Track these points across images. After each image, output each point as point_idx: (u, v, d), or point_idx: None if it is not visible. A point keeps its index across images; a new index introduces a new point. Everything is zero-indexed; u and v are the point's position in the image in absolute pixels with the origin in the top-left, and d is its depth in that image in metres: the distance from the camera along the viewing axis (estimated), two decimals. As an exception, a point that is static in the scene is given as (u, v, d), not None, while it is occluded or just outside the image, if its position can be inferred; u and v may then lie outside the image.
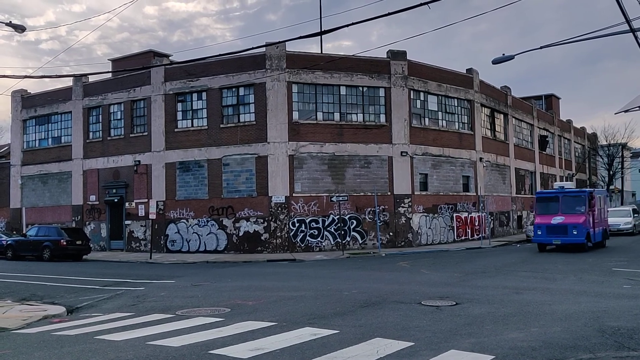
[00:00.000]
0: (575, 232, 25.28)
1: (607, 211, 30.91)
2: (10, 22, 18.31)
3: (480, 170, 37.90)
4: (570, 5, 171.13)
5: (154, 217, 30.05)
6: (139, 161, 33.66)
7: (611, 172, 68.35)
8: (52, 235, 29.62)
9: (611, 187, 70.82)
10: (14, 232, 36.45)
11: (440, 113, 35.50)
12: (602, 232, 28.63)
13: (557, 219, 25.83)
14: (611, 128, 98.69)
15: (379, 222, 30.43)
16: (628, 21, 12.67)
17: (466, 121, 37.41)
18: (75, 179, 36.80)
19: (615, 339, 8.27)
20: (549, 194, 27.79)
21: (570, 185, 30.26)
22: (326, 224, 30.57)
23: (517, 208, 44.69)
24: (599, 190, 31.73)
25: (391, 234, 31.86)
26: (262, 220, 30.19)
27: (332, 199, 29.43)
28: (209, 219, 31.17)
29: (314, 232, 30.42)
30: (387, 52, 32.88)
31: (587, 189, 28.96)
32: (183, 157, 32.23)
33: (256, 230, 30.25)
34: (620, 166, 69.70)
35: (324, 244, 30.48)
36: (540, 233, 26.27)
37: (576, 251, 26.04)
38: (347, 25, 13.00)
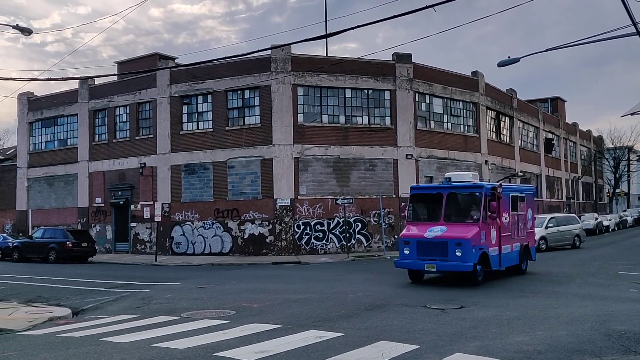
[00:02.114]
0: (458, 254, 14.97)
1: (534, 219, 19.77)
2: (17, 24, 18.36)
3: (485, 173, 37.80)
4: (575, 7, 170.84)
5: (159, 220, 30.11)
6: (145, 163, 33.73)
7: (617, 175, 68.10)
8: (58, 237, 29.71)
9: (617, 190, 70.59)
10: (20, 234, 36.56)
11: (445, 116, 35.45)
12: (521, 252, 18.15)
13: (435, 231, 15.74)
14: (617, 131, 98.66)
15: (384, 225, 30.39)
16: (634, 23, 12.63)
17: (471, 124, 37.35)
18: (81, 181, 36.91)
19: (621, 343, 8.24)
20: (428, 191, 17.73)
21: (467, 177, 17.85)
22: (331, 226, 30.55)
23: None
24: (515, 186, 21.32)
25: (396, 236, 31.75)
26: (267, 223, 30.20)
27: (337, 201, 29.42)
28: (214, 222, 31.20)
29: (319, 234, 30.41)
30: (393, 55, 32.88)
31: (488, 183, 17.91)
32: (188, 160, 32.29)
33: (261, 232, 30.25)
34: (626, 169, 69.46)
35: (329, 246, 30.46)
36: (407, 253, 15.99)
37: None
38: (353, 28, 13.01)
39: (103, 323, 11.26)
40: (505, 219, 17.08)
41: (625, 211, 64.97)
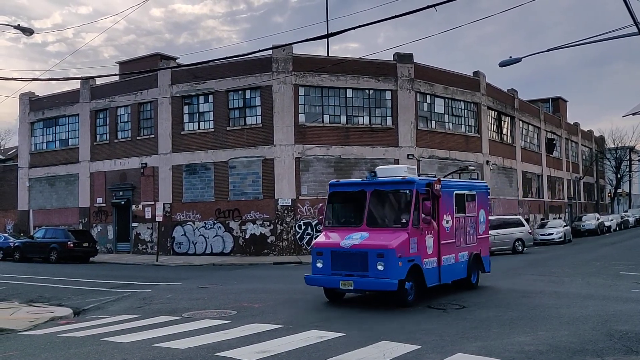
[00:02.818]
0: (380, 268, 11.82)
1: (488, 222, 16.44)
2: (19, 25, 18.36)
3: (486, 173, 37.77)
4: (577, 7, 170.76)
5: (161, 220, 30.11)
6: (146, 163, 33.74)
7: (619, 176, 68.05)
8: (59, 237, 29.72)
9: (619, 190, 70.55)
10: (22, 234, 36.58)
11: (446, 116, 35.45)
12: (471, 262, 14.80)
13: (354, 238, 12.48)
14: (619, 131, 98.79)
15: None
16: (636, 23, 12.62)
17: (473, 124, 37.33)
18: (82, 181, 36.92)
19: (623, 343, 8.22)
20: (349, 188, 14.02)
21: (400, 170, 14.19)
22: (332, 226, 30.46)
23: (524, 211, 44.48)
24: (461, 182, 16.40)
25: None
26: (268, 223, 30.19)
27: (338, 201, 29.34)
28: (215, 222, 31.20)
29: (320, 234, 30.34)
30: (394, 55, 32.86)
31: (422, 178, 14.39)
32: (190, 160, 32.29)
33: (262, 232, 30.24)
34: (628, 169, 69.40)
35: (330, 246, 30.37)
36: (320, 266, 12.72)
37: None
38: (354, 28, 13.02)
39: (104, 323, 11.26)
40: (447, 222, 13.76)
41: (626, 211, 64.93)
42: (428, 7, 11.95)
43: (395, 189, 13.16)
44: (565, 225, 38.59)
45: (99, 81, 36.70)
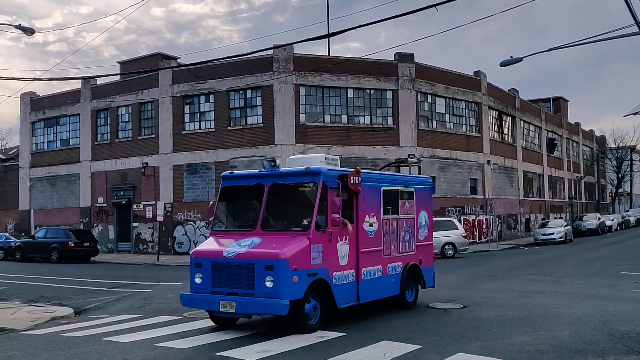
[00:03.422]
0: (269, 284, 9.26)
1: (432, 225, 13.58)
2: (19, 24, 18.37)
3: (487, 173, 37.77)
4: (578, 7, 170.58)
5: (162, 219, 30.13)
6: (147, 163, 33.76)
7: (620, 175, 68.03)
8: (60, 237, 29.75)
9: (620, 190, 70.53)
10: (23, 234, 36.61)
11: (447, 115, 35.45)
12: (405, 275, 11.96)
13: (242, 245, 9.92)
14: (620, 131, 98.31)
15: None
16: (637, 23, 12.60)
17: (474, 124, 37.32)
18: (83, 181, 36.94)
19: (624, 343, 8.21)
20: (244, 181, 11.19)
21: (315, 160, 11.15)
22: (333, 226, 30.44)
23: (525, 211, 44.50)
24: (393, 175, 13.30)
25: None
26: (269, 223, 30.15)
27: (339, 201, 29.32)
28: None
29: (321, 234, 30.30)
30: (395, 55, 32.86)
31: (334, 169, 10.83)
32: (190, 160, 32.31)
33: (263, 232, 30.20)
34: (629, 169, 69.38)
35: (331, 246, 30.36)
36: (199, 282, 10.06)
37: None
38: (355, 28, 13.01)
39: (105, 323, 11.26)
40: (371, 225, 10.99)
41: (628, 211, 64.88)
42: (429, 6, 11.93)
43: (297, 182, 10.46)
44: (566, 225, 38.55)
45: (99, 81, 36.73)
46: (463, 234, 27.83)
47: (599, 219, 46.67)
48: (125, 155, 35.06)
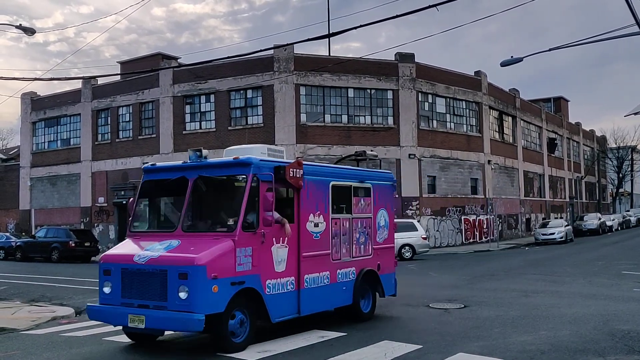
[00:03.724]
0: (183, 295, 7.74)
1: (393, 226, 12.00)
2: (20, 24, 18.37)
3: (488, 173, 37.77)
4: (579, 7, 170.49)
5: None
6: (148, 163, 33.78)
7: (620, 175, 68.04)
8: (61, 236, 29.76)
9: (620, 190, 70.53)
10: (23, 234, 36.64)
11: (448, 115, 35.44)
12: (359, 283, 10.57)
13: (156, 249, 8.39)
14: (621, 130, 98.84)
15: (387, 225, 30.27)
16: (638, 22, 12.60)
17: (474, 124, 37.32)
18: (84, 180, 36.96)
19: (625, 343, 8.21)
20: (167, 174, 9.61)
21: (255, 151, 9.61)
22: (334, 226, 30.45)
23: (526, 211, 44.49)
24: (345, 169, 11.39)
25: (399, 236, 31.74)
26: (269, 223, 30.16)
27: (339, 201, 29.31)
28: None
29: (322, 234, 30.31)
30: (395, 55, 32.86)
31: (266, 159, 9.09)
32: (191, 159, 32.27)
33: (264, 232, 30.22)
34: (629, 169, 69.38)
35: (331, 246, 30.37)
36: (108, 291, 8.53)
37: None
38: (355, 28, 13.00)
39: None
40: (317, 225, 9.68)
41: (628, 211, 64.87)
42: (430, 6, 11.92)
43: (225, 175, 9.08)
44: (566, 225, 38.54)
45: (100, 81, 36.77)
46: (423, 236, 26.88)
47: (600, 218, 46.67)
48: (125, 155, 35.08)
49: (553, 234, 35.99)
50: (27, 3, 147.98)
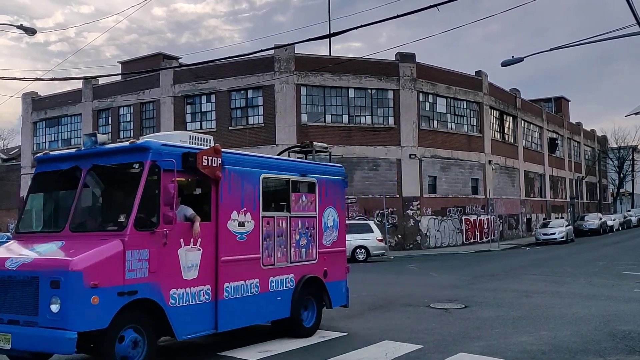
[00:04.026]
0: (55, 308, 6.31)
1: (344, 226, 10.47)
2: (21, 24, 18.40)
3: (489, 173, 37.76)
4: (580, 7, 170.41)
5: (163, 219, 30.12)
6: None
7: (621, 175, 68.04)
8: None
9: (621, 190, 70.53)
10: (24, 234, 36.62)
11: (449, 115, 35.44)
12: (299, 292, 9.13)
13: (33, 252, 7.08)
14: (621, 131, 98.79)
15: (388, 225, 30.37)
16: (639, 22, 12.60)
17: (475, 124, 37.32)
18: (85, 180, 36.95)
19: (626, 343, 8.20)
20: (59, 164, 8.01)
21: (175, 137, 8.21)
22: (334, 226, 30.46)
23: (526, 211, 44.48)
24: (280, 160, 9.91)
25: (399, 236, 31.78)
26: (270, 223, 30.18)
27: (340, 201, 29.32)
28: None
29: (322, 234, 30.32)
30: (396, 55, 32.86)
31: (170, 144, 7.58)
32: (192, 159, 32.29)
33: (264, 232, 30.24)
34: (630, 169, 69.38)
35: (332, 246, 30.38)
36: None
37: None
38: (356, 28, 12.99)
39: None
40: (242, 224, 8.27)
41: (629, 211, 64.85)
42: (430, 6, 11.92)
43: (121, 163, 7.52)
44: (567, 225, 38.52)
45: (101, 81, 36.81)
46: (378, 238, 26.05)
47: (601, 219, 46.65)
48: (126, 155, 35.06)
49: (554, 234, 35.97)
50: (27, 3, 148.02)
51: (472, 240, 35.70)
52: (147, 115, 34.68)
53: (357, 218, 29.37)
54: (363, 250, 25.45)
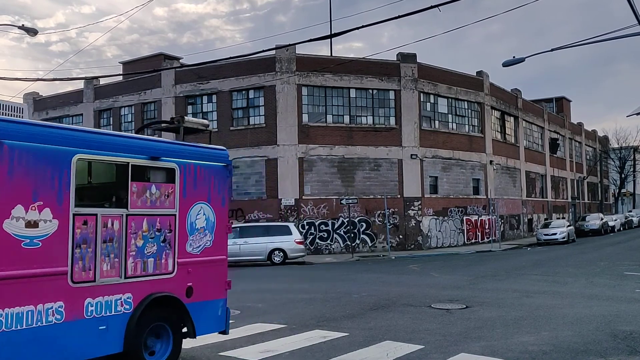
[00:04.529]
0: None
1: (216, 225, 8.07)
2: (22, 25, 18.44)
3: (490, 173, 37.76)
4: (582, 7, 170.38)
5: (164, 219, 30.15)
6: None
7: (623, 176, 68.01)
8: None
9: (623, 190, 70.49)
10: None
11: (450, 116, 35.45)
12: (138, 319, 6.80)
13: None
14: (623, 131, 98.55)
15: (389, 225, 30.38)
16: (640, 23, 12.60)
17: (476, 124, 37.32)
18: (86, 181, 36.99)
19: (627, 344, 8.21)
20: None
21: None
22: (336, 226, 30.56)
23: (528, 211, 44.47)
24: (106, 135, 7.05)
25: (401, 236, 31.79)
26: (271, 223, 30.20)
27: (341, 201, 29.43)
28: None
29: (324, 234, 30.42)
30: (397, 55, 32.87)
31: None
32: (193, 160, 32.33)
33: (266, 232, 30.25)
34: (632, 169, 69.36)
35: (333, 246, 30.47)
36: None
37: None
38: (358, 28, 13.01)
39: (108, 322, 11.27)
40: (31, 225, 5.95)
41: (630, 211, 64.81)
42: (432, 7, 11.94)
43: None
44: (568, 225, 38.51)
45: (102, 81, 36.85)
46: (297, 240, 25.47)
47: (602, 219, 46.62)
48: (128, 155, 35.10)
49: (555, 234, 35.96)
50: (28, 3, 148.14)
51: (473, 241, 35.70)
52: (149, 116, 34.71)
53: (279, 220, 29.19)
54: (280, 253, 25.02)
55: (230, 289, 8.35)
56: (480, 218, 36.57)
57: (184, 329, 7.53)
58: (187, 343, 8.78)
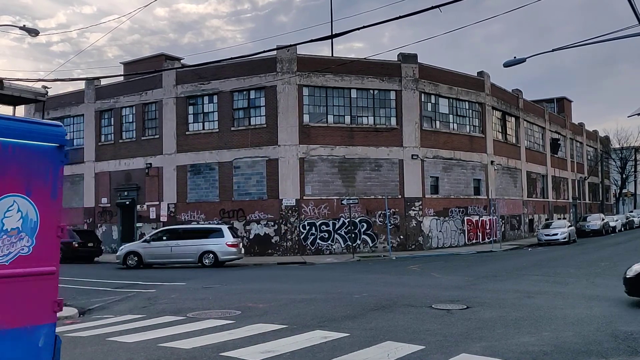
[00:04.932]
0: None
1: (39, 224, 5.43)
2: (24, 25, 18.46)
3: (491, 174, 37.76)
4: (583, 7, 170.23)
5: (165, 220, 30.23)
6: (151, 164, 33.85)
7: (624, 176, 67.97)
8: (64, 237, 29.78)
9: (624, 190, 70.44)
10: (27, 234, 36.66)
11: (451, 116, 35.45)
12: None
13: None
14: (624, 131, 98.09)
15: (390, 225, 30.39)
16: (641, 24, 12.59)
17: (477, 124, 37.32)
18: (87, 181, 37.04)
19: (628, 344, 8.20)
20: None
21: None
22: (336, 227, 30.57)
23: (529, 212, 44.45)
24: None
25: (402, 237, 31.79)
26: (272, 223, 30.25)
27: (342, 201, 29.45)
28: (219, 222, 31.22)
29: (325, 235, 30.43)
30: (398, 55, 32.87)
31: None
32: (194, 160, 32.39)
33: (267, 233, 30.29)
34: (633, 170, 69.33)
35: (334, 247, 30.48)
36: None
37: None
38: (359, 29, 13.01)
39: (109, 323, 11.30)
40: None
41: (632, 212, 64.77)
42: (433, 7, 11.94)
43: None
44: (569, 226, 38.49)
45: (103, 81, 36.86)
46: (229, 243, 25.19)
47: (603, 219, 46.61)
48: (129, 155, 35.16)
49: (556, 234, 35.95)
50: (29, 3, 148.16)
51: (474, 241, 35.70)
52: (150, 116, 34.74)
53: (212, 222, 29.28)
54: (211, 256, 24.82)
55: (62, 310, 6.02)
56: (481, 218, 36.56)
57: None
58: (187, 343, 8.80)
